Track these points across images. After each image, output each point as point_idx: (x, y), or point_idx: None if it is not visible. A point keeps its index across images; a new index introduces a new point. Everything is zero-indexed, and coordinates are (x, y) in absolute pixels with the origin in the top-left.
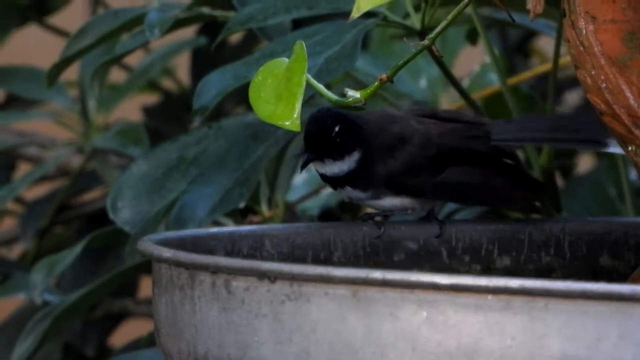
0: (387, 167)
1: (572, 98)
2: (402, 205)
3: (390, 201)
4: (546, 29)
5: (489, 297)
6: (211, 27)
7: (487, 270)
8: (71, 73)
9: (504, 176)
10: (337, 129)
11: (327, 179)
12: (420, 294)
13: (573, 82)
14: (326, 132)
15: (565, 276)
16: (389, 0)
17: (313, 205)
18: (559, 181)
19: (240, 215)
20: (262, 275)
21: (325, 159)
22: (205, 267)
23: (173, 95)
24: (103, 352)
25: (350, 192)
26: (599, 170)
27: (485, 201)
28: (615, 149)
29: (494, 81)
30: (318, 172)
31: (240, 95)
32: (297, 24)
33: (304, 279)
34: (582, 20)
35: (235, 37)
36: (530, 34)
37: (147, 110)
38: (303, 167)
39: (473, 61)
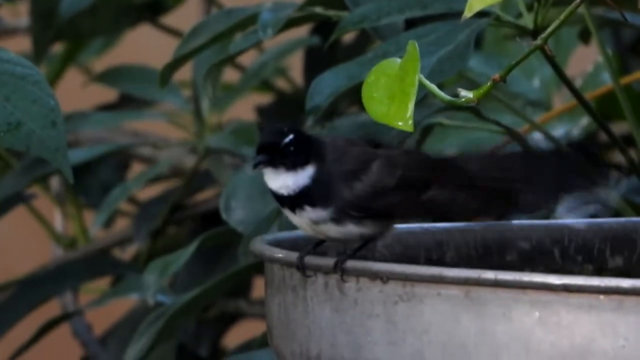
0: (353, 190)
1: None
2: (361, 231)
3: (351, 227)
4: None
5: (601, 297)
6: (324, 27)
7: (600, 271)
8: (184, 73)
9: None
10: (290, 137)
11: (282, 199)
12: (532, 294)
13: None
14: (279, 140)
15: None
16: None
17: None
18: None
19: None
20: (374, 275)
21: (277, 166)
22: (318, 268)
23: (286, 95)
24: (217, 352)
25: (310, 213)
26: None
27: (465, 214)
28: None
29: (607, 81)
30: (271, 189)
31: (354, 95)
32: (410, 23)
33: (416, 279)
34: None
35: (349, 37)
36: None
37: (261, 110)
38: (254, 167)
39: (586, 61)
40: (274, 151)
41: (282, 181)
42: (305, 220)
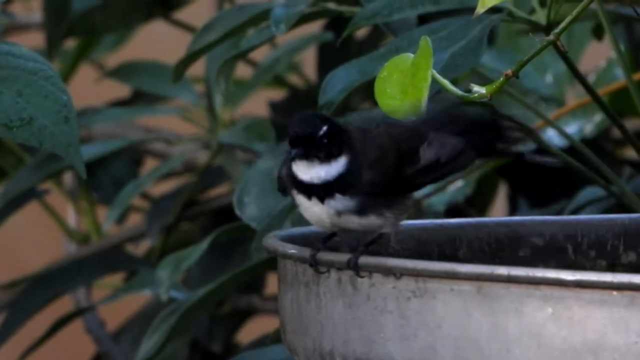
0: (376, 176)
1: None
2: (380, 222)
3: (373, 218)
4: None
5: (614, 293)
6: (337, 22)
7: (613, 266)
8: (197, 68)
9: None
10: (324, 129)
11: (311, 189)
12: (545, 289)
13: None
14: (314, 131)
15: None
16: None
17: (439, 201)
18: None
19: None
20: (387, 271)
21: (311, 158)
22: (330, 264)
23: (299, 90)
24: (230, 348)
25: (338, 202)
26: None
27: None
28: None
29: (620, 77)
30: (300, 180)
31: (367, 91)
32: (423, 19)
33: (429, 275)
34: None
35: (361, 32)
36: None
37: (274, 106)
38: (291, 160)
39: (599, 57)
40: (308, 144)
41: (315, 172)
42: (329, 211)
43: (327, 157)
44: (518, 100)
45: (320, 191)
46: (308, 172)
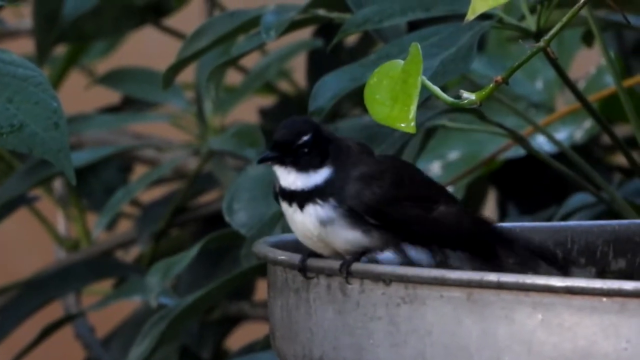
0: (374, 194)
1: None
2: (366, 242)
3: (358, 235)
4: None
5: (604, 299)
6: (327, 29)
7: (602, 273)
8: (187, 75)
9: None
10: (305, 138)
11: (292, 195)
12: (535, 296)
13: None
14: (294, 139)
15: None
16: (504, 2)
17: None
18: None
19: None
20: (377, 277)
21: (287, 165)
22: (320, 270)
23: (289, 97)
24: (219, 355)
25: (320, 211)
26: None
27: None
28: None
29: (610, 83)
30: (281, 186)
31: (357, 97)
32: (413, 25)
33: (419, 281)
34: None
35: (352, 39)
36: None
37: (264, 112)
38: (260, 161)
39: (589, 63)
40: (286, 151)
41: (293, 179)
42: (312, 221)
43: (305, 167)
44: (508, 106)
45: (300, 198)
46: (287, 178)
